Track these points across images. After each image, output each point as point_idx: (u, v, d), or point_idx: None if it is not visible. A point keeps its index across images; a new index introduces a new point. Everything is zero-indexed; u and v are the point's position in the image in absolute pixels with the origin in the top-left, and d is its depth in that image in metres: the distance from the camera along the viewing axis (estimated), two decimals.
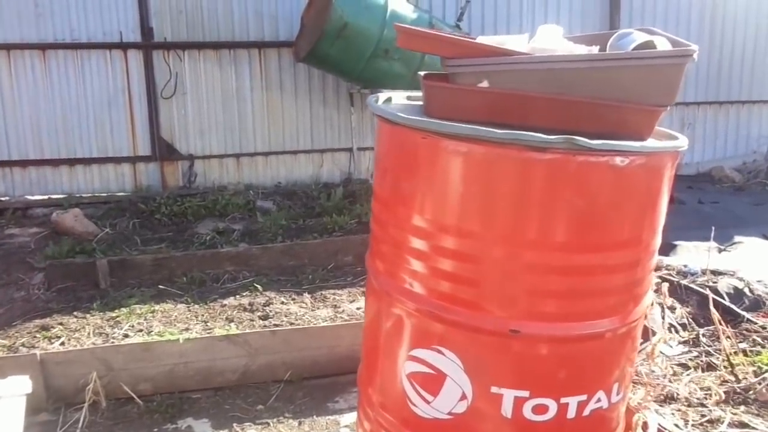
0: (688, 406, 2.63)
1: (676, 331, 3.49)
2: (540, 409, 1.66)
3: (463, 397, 1.69)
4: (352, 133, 6.78)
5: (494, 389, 1.66)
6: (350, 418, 3.06)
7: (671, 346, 3.38)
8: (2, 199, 6.03)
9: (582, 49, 1.81)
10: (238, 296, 4.13)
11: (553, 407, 1.67)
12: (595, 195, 1.57)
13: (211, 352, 3.27)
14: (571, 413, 1.69)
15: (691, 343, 3.33)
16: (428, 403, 1.76)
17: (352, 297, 4.13)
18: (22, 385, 1.99)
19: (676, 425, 2.28)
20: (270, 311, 3.86)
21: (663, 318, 3.43)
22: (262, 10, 6.39)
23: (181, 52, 6.27)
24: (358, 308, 3.93)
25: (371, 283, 1.98)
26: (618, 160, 1.52)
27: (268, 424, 3.02)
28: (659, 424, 2.31)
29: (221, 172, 6.57)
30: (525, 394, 1.65)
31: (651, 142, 1.66)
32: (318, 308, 3.96)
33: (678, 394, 2.69)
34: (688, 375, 2.95)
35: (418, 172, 1.68)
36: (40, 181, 6.18)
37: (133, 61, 6.20)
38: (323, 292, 4.18)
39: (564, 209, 1.57)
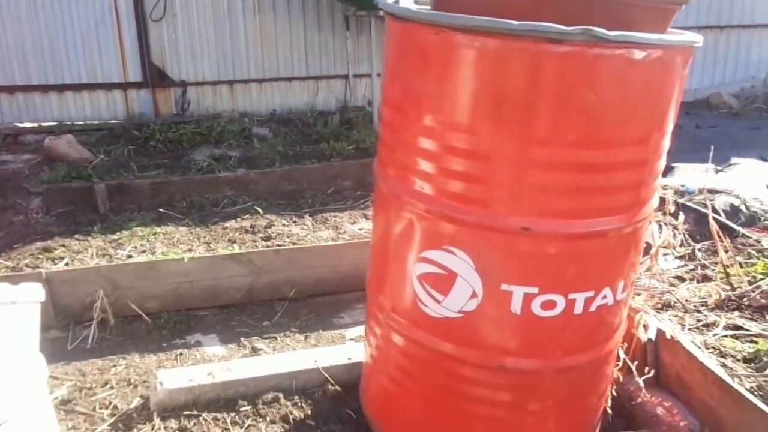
0: (685, 312, 2.72)
1: (672, 247, 3.55)
2: (548, 305, 1.71)
3: (474, 295, 1.73)
4: (348, 58, 6.64)
5: (504, 286, 1.69)
6: (355, 331, 3.14)
7: (667, 261, 3.45)
8: None
9: None
10: (239, 219, 4.14)
11: (561, 303, 1.71)
12: (609, 90, 1.55)
13: (216, 271, 3.31)
14: (578, 309, 1.74)
15: (687, 257, 3.40)
16: (439, 302, 1.80)
17: (353, 219, 4.16)
18: (35, 291, 2.01)
19: (673, 329, 2.35)
20: (272, 233, 3.88)
21: (660, 231, 3.48)
22: None
23: None
24: (360, 229, 3.97)
25: (380, 190, 1.98)
26: (635, 53, 1.50)
27: (275, 338, 3.09)
28: (657, 327, 2.38)
29: (215, 98, 6.46)
30: (534, 290, 1.69)
31: (665, 36, 1.63)
32: (319, 230, 3.99)
33: (675, 302, 2.76)
34: (684, 285, 3.02)
35: (429, 70, 1.65)
36: (29, 107, 6.06)
37: None
38: (324, 215, 4.21)
39: (576, 105, 1.55)
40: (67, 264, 3.53)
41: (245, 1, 6.28)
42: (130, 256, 3.63)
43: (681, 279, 3.20)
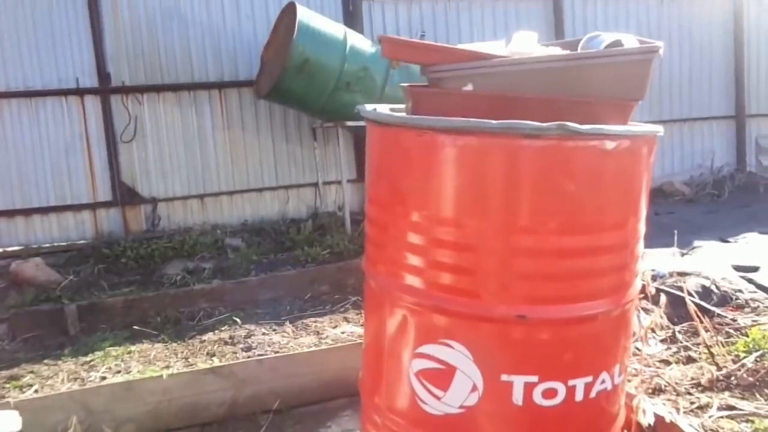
0: (677, 395, 2.71)
1: (653, 331, 3.60)
2: (549, 394, 1.69)
3: (474, 388, 1.71)
4: (317, 167, 6.83)
5: (504, 377, 1.68)
6: None
7: (650, 345, 3.48)
8: None
9: (558, 51, 1.92)
10: (217, 331, 4.04)
11: (561, 390, 1.70)
12: (585, 179, 1.65)
13: (196, 387, 3.18)
14: (579, 396, 1.73)
15: (668, 340, 3.44)
16: (439, 399, 1.77)
17: (334, 323, 4.10)
18: (11, 421, 1.89)
19: (670, 413, 2.33)
20: (252, 342, 3.79)
21: (639, 319, 3.53)
22: (221, 51, 6.46)
23: (140, 95, 6.24)
24: (342, 332, 3.91)
25: (370, 288, 1.99)
26: (606, 143, 1.61)
27: None
28: (654, 412, 2.36)
29: (186, 213, 6.49)
30: (534, 379, 1.68)
31: (632, 127, 1.77)
32: (301, 336, 3.92)
33: (666, 385, 2.76)
34: (670, 369, 3.03)
35: (413, 169, 1.73)
36: None
37: (90, 106, 6.14)
38: (304, 321, 4.14)
39: (555, 194, 1.64)
40: (36, 391, 3.35)
41: (215, 119, 6.50)
42: (104, 378, 3.48)
43: (666, 362, 3.21)
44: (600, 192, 1.69)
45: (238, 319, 4.16)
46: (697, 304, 3.60)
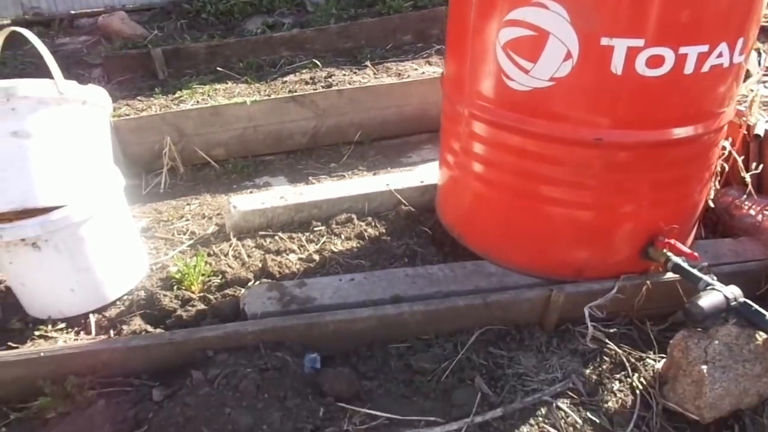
0: None
1: None
2: (655, 62, 1.51)
3: (568, 56, 1.56)
4: None
5: (604, 40, 1.51)
6: (425, 168, 3.03)
7: (767, 87, 3.13)
8: (46, 15, 5.89)
9: None
10: (297, 74, 4.01)
11: (669, 59, 1.51)
12: None
13: (279, 114, 3.22)
14: (689, 68, 1.54)
15: None
16: (527, 72, 1.63)
17: (417, 66, 3.96)
18: (103, 97, 1.96)
19: None
20: (333, 81, 3.75)
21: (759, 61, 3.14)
22: None
23: None
24: (423, 73, 3.77)
25: None
26: None
27: (344, 176, 3.02)
28: (766, 128, 2.15)
29: None
30: (639, 43, 1.49)
31: None
32: (381, 78, 3.82)
33: None
34: None
35: None
36: None
37: None
38: (386, 65, 4.02)
39: None
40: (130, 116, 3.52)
41: None
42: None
43: None
44: None
45: (318, 62, 4.09)
46: None
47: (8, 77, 4.32)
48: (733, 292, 1.61)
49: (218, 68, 4.18)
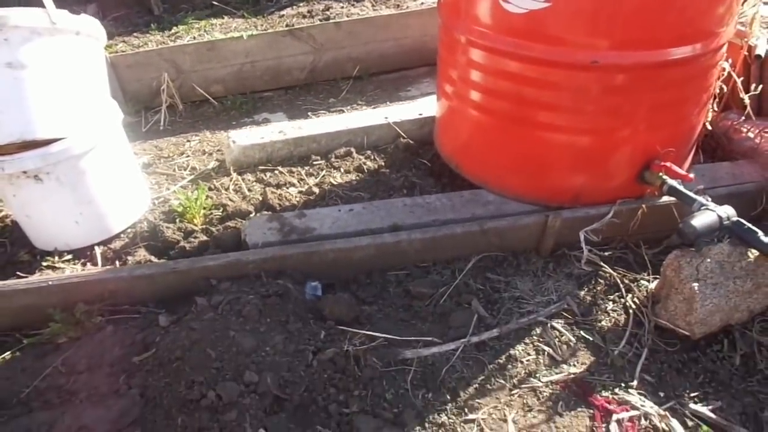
0: None
1: None
2: None
3: None
4: None
5: None
6: (423, 101, 3.00)
7: None
8: None
9: None
10: (295, 6, 3.93)
11: None
12: None
13: (276, 49, 3.18)
14: None
15: None
16: None
17: None
18: (96, 28, 1.94)
19: None
20: (330, 14, 3.67)
21: None
22: None
23: None
24: (422, 3, 3.69)
25: None
26: None
27: (343, 110, 3.01)
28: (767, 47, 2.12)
29: None
30: None
31: None
32: (380, 9, 3.74)
33: None
34: None
35: None
36: None
37: None
38: None
39: None
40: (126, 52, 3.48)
41: None
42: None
43: None
44: None
45: None
46: None
47: None
48: (726, 211, 1.63)
49: (214, 2, 4.10)
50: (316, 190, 2.27)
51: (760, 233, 1.57)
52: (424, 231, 1.85)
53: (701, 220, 1.58)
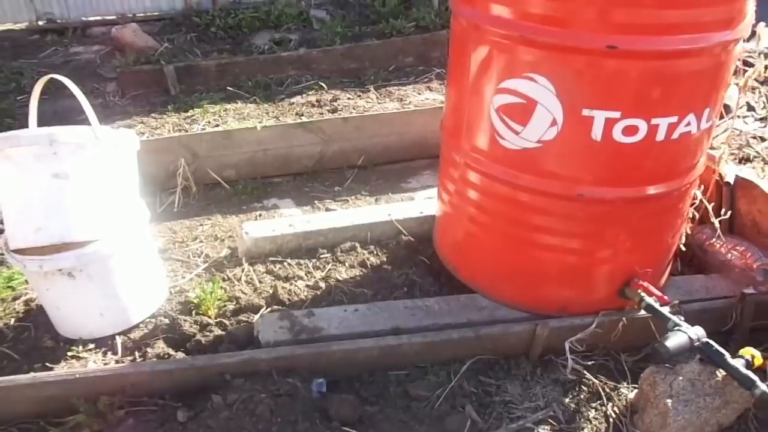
0: (765, 164, 2.65)
1: (753, 110, 3.42)
2: (630, 131, 1.70)
3: (554, 123, 1.75)
4: None
5: (585, 111, 1.70)
6: (424, 194, 3.23)
7: (747, 123, 3.33)
8: (59, 21, 6.06)
9: None
10: (304, 95, 4.20)
11: (643, 128, 1.70)
12: None
13: (288, 139, 3.41)
14: (661, 135, 1.73)
15: None
16: (517, 134, 1.82)
17: (418, 91, 4.15)
18: (132, 139, 2.15)
19: (753, 175, 2.31)
20: (338, 105, 3.93)
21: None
22: None
23: None
24: (424, 99, 3.96)
25: (458, 24, 1.97)
26: None
27: (347, 200, 3.22)
28: (736, 174, 2.35)
29: None
30: (616, 114, 1.68)
31: None
32: (384, 102, 4.01)
33: (755, 155, 2.70)
34: (764, 143, 2.93)
35: None
36: (92, 1, 6.13)
37: None
38: (388, 89, 4.21)
39: None
40: (147, 138, 3.70)
41: None
42: (204, 130, 3.77)
43: (762, 139, 3.09)
44: None
45: (324, 84, 4.27)
46: None
47: (25, 87, 4.51)
48: (697, 332, 1.80)
49: (228, 87, 4.37)
50: (323, 284, 2.44)
51: (727, 355, 1.74)
52: (424, 335, 2.02)
53: (674, 341, 1.76)
